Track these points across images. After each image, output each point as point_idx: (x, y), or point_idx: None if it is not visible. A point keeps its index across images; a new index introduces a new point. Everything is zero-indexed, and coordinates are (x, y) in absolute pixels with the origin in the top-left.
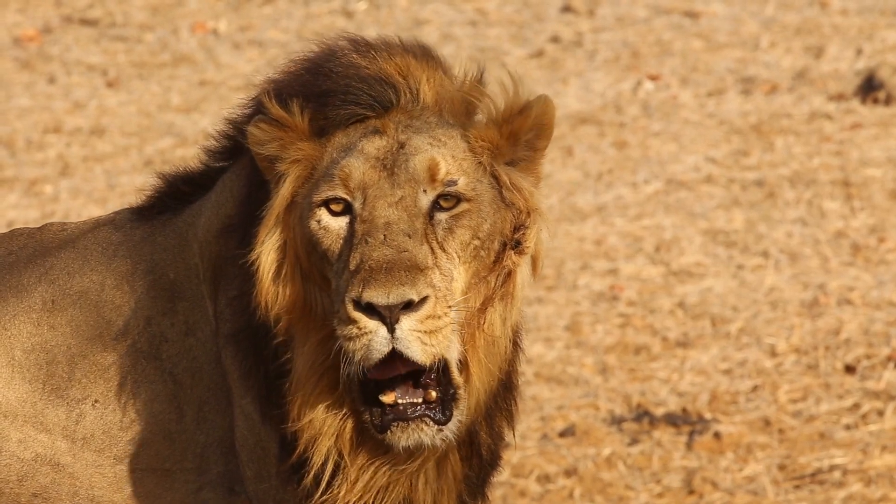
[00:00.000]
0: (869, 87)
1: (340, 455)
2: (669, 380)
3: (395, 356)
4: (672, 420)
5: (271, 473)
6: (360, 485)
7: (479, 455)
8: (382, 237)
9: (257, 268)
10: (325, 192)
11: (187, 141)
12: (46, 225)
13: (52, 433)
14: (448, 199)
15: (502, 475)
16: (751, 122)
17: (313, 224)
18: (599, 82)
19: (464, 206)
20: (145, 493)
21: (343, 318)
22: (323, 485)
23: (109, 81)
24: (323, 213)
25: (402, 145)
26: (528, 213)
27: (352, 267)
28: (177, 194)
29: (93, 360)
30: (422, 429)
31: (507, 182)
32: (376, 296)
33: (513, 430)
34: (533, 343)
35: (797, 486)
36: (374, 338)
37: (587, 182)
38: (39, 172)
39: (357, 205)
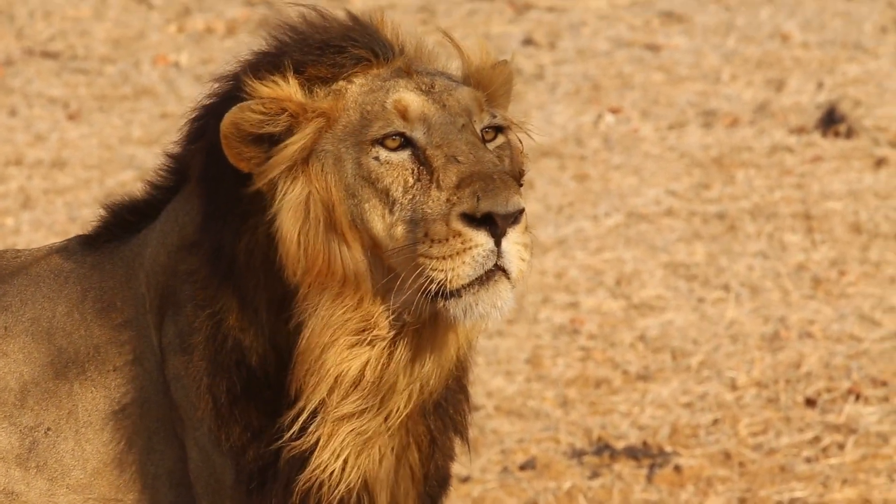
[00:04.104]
0: (830, 121)
1: (325, 405)
2: (630, 413)
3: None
4: (633, 453)
5: None
6: (340, 436)
7: (425, 477)
8: (472, 156)
9: (279, 228)
10: (381, 129)
11: (148, 174)
12: (0, 252)
13: (5, 461)
14: (489, 132)
15: None
16: (712, 155)
17: (371, 162)
18: (560, 115)
19: (501, 138)
20: None
21: (438, 237)
22: (308, 435)
23: (71, 114)
24: (381, 150)
25: (432, 85)
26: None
27: (447, 185)
28: (123, 224)
29: (45, 388)
30: (499, 289)
31: (514, 123)
32: (496, 204)
33: (467, 443)
34: (493, 376)
35: None
36: (480, 251)
37: (548, 215)
38: (0, 205)
39: (419, 135)
